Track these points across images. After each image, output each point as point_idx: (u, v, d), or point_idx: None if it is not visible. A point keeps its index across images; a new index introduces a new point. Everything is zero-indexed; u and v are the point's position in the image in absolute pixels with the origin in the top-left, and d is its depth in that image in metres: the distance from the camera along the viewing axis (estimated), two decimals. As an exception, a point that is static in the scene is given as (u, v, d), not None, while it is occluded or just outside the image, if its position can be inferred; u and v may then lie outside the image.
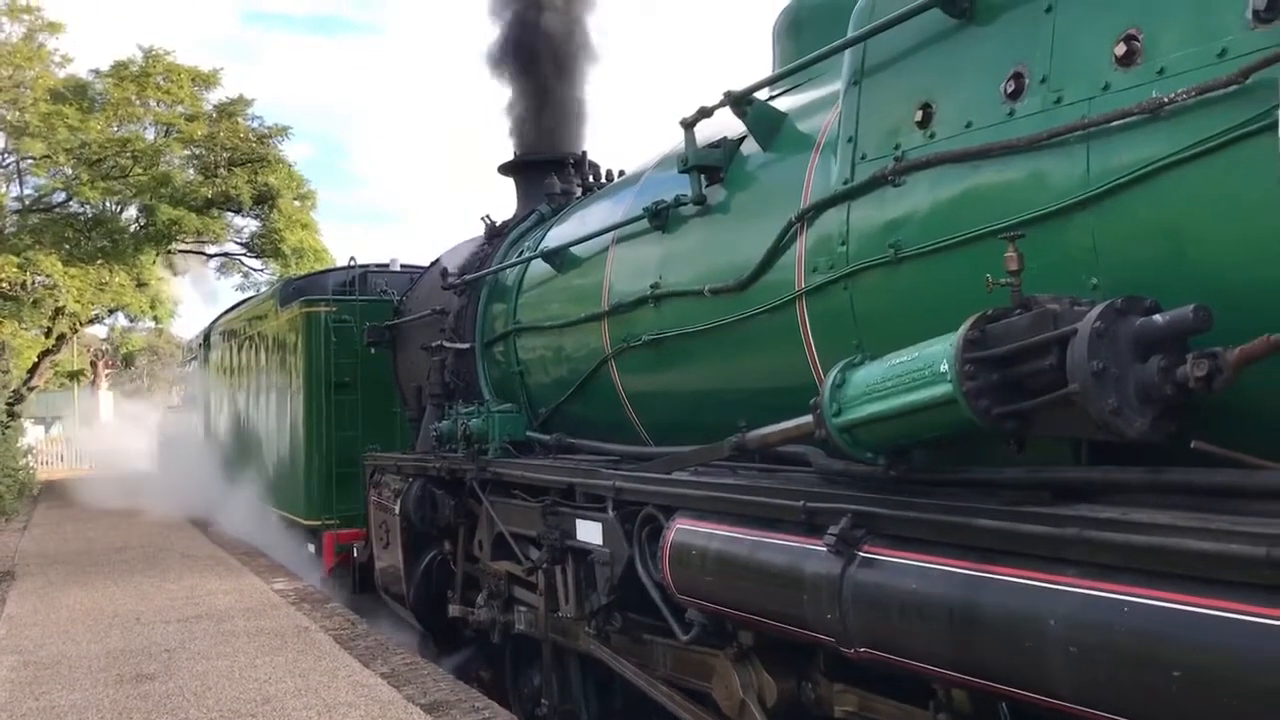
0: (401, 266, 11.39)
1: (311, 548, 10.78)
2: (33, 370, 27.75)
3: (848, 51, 3.90)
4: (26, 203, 24.82)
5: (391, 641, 7.31)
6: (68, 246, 23.06)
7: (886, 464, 3.32)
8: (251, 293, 25.11)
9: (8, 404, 21.22)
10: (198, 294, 34.03)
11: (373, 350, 9.53)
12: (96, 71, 24.69)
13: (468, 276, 7.36)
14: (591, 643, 5.19)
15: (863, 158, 3.73)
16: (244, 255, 27.97)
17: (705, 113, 4.62)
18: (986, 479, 3.06)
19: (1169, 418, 2.52)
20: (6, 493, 17.07)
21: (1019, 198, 3.08)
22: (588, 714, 5.95)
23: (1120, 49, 2.82)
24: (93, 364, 46.54)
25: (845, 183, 3.78)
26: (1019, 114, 3.12)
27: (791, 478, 3.96)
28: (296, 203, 26.03)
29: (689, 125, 4.67)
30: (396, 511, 7.38)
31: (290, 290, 11.74)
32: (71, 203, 24.50)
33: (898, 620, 3.04)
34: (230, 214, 26.09)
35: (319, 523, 10.38)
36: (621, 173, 7.40)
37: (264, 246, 26.19)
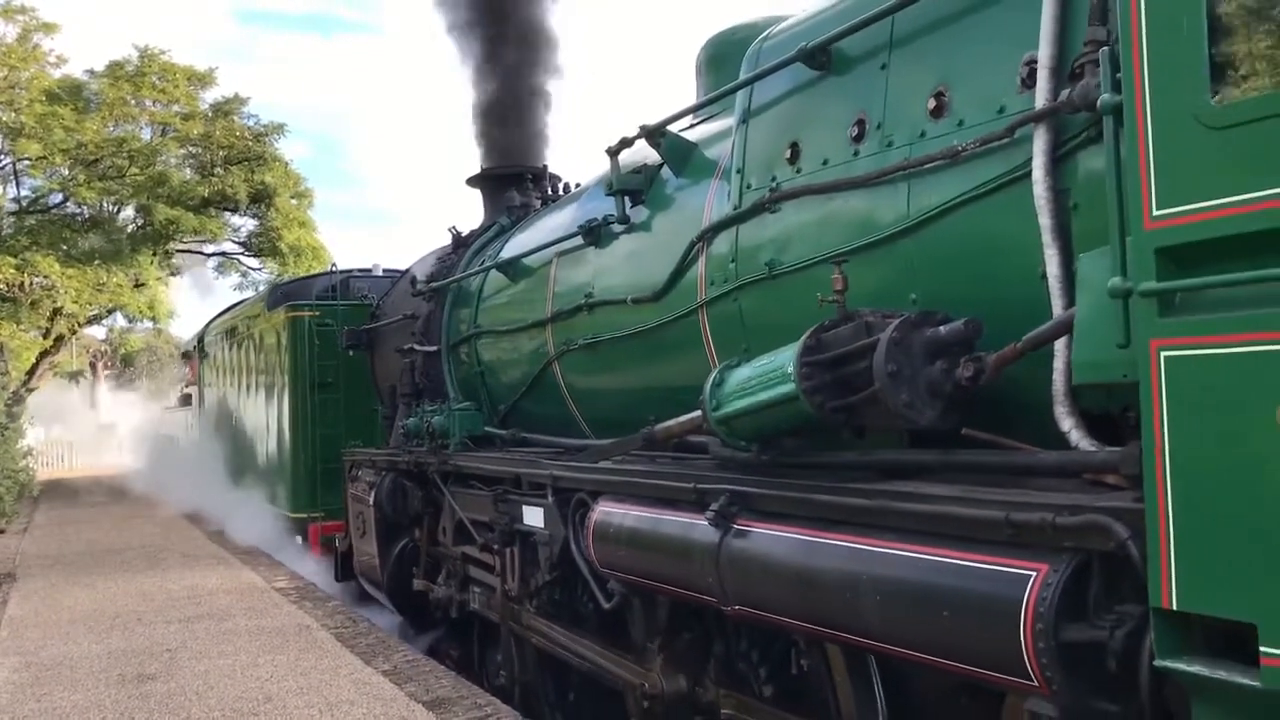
0: (384, 271, 11.98)
1: (299, 540, 11.38)
2: (31, 371, 28.01)
3: (739, 93, 4.49)
4: (23, 204, 24.74)
5: (393, 639, 7.42)
6: (65, 247, 23.12)
7: (758, 450, 3.92)
8: (250, 292, 25.36)
9: (7, 404, 21.54)
10: (196, 293, 34.21)
11: (350, 353, 10.12)
12: (92, 72, 24.77)
13: (434, 284, 7.94)
14: (533, 617, 5.79)
15: (748, 187, 4.32)
16: (242, 254, 28.10)
17: (627, 142, 5.21)
18: (832, 462, 3.65)
19: (954, 410, 3.11)
20: (6, 494, 17.07)
21: (860, 225, 3.67)
22: (543, 686, 6.54)
23: (932, 103, 3.42)
24: (92, 365, 47.06)
25: (734, 208, 4.37)
26: (861, 154, 3.72)
27: (693, 464, 4.55)
28: (293, 201, 26.01)
29: (613, 153, 5.26)
30: (371, 503, 7.97)
31: (277, 295, 12.33)
32: (68, 203, 24.44)
33: (760, 581, 3.64)
34: (227, 213, 26.12)
35: (305, 516, 10.97)
36: (579, 184, 7.97)
37: (262, 245, 26.30)
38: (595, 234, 5.57)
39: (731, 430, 3.88)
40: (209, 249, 28.05)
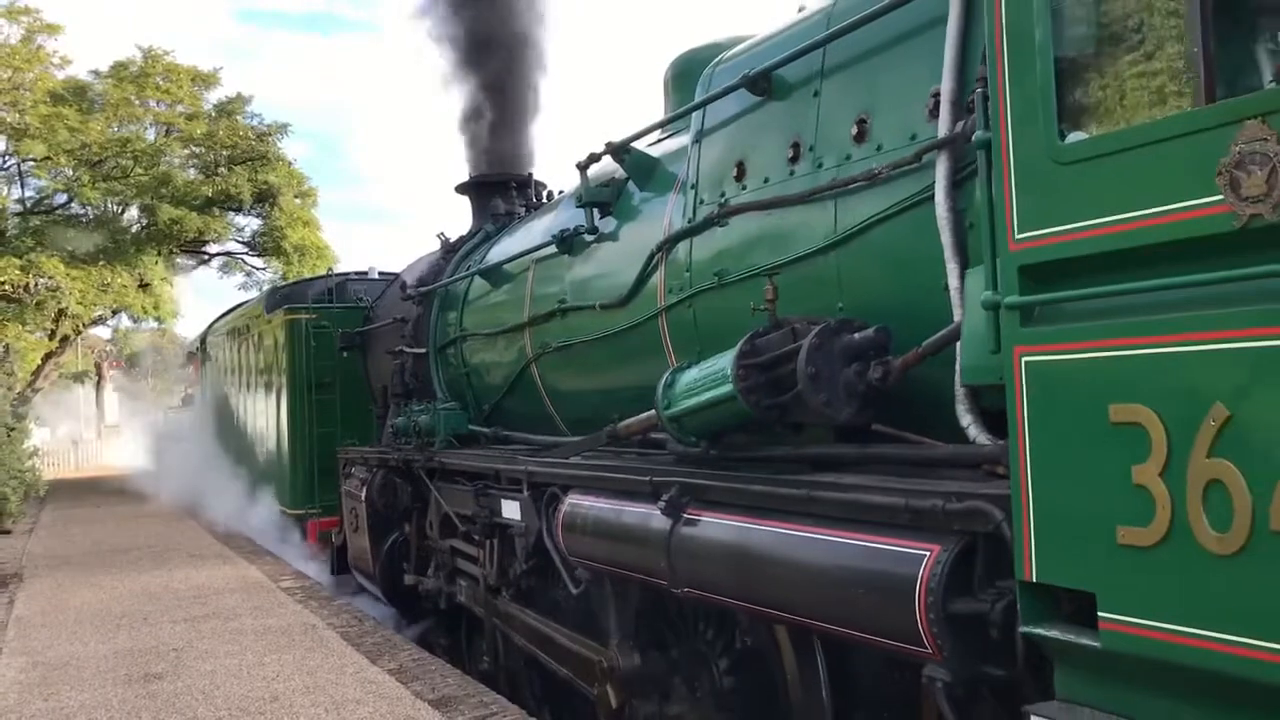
0: (379, 274, 12.33)
1: (298, 535, 11.73)
2: (37, 372, 27.97)
3: (694, 113, 4.83)
4: (28, 205, 24.87)
5: (398, 637, 7.50)
6: (70, 248, 23.15)
7: (707, 445, 4.26)
8: (255, 291, 25.44)
9: (12, 405, 21.35)
10: (196, 293, 34.28)
11: (345, 354, 10.47)
12: (96, 72, 24.94)
13: (423, 289, 8.29)
14: (508, 603, 6.13)
15: (701, 202, 4.66)
16: (246, 254, 28.21)
17: (594, 158, 5.54)
18: (770, 455, 3.99)
19: (868, 408, 3.45)
20: (13, 495, 16.98)
21: (795, 239, 4.00)
22: (525, 671, 6.88)
23: (855, 129, 3.75)
24: (97, 365, 47.42)
25: (689, 221, 4.70)
26: (796, 174, 4.05)
27: (654, 458, 4.88)
28: (297, 200, 26.03)
29: (582, 168, 5.60)
30: (363, 498, 8.32)
31: (276, 298, 12.69)
32: (73, 204, 24.61)
33: (704, 564, 3.98)
34: (231, 213, 26.08)
35: (303, 512, 11.33)
36: (560, 192, 8.31)
37: (266, 245, 26.39)
38: (568, 243, 5.91)
39: (681, 427, 4.23)
40: (213, 248, 28.17)
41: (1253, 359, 2.08)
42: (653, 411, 4.42)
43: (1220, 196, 2.12)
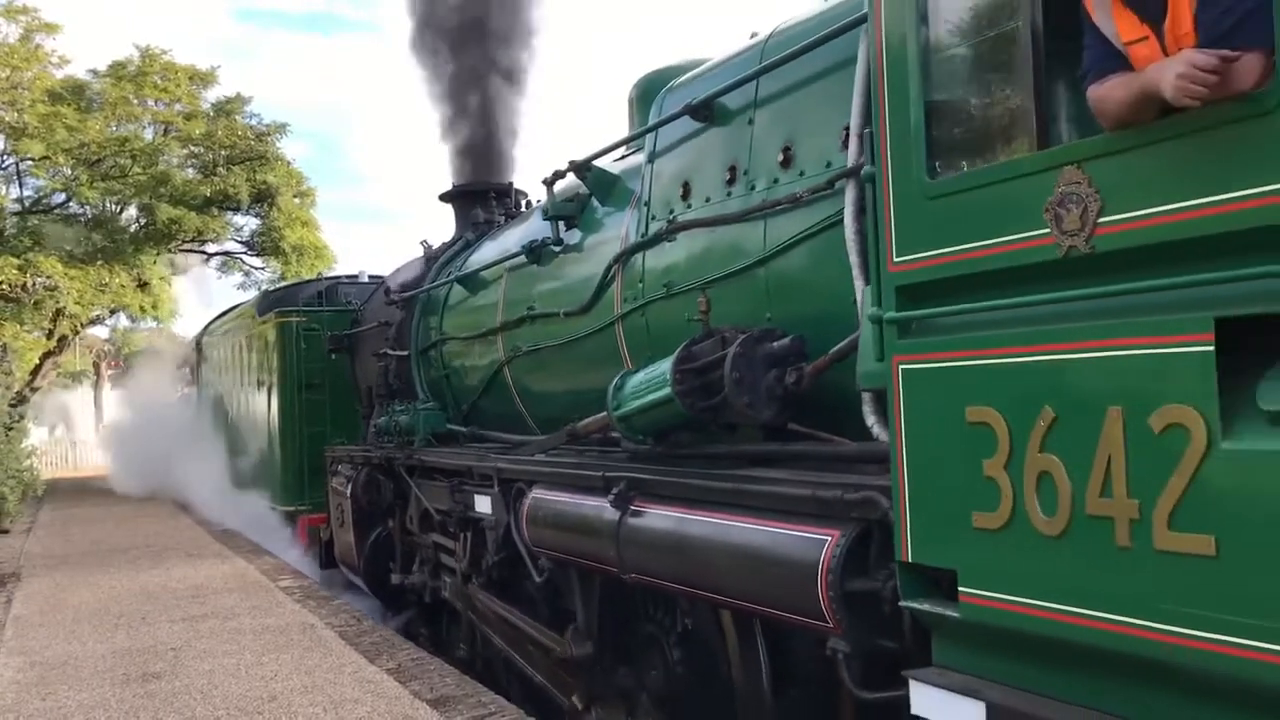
0: (369, 278, 12.69)
1: (289, 531, 12.11)
2: (35, 372, 27.87)
3: (649, 135, 5.20)
4: (26, 204, 24.64)
5: (397, 637, 7.54)
6: (68, 247, 22.93)
7: (654, 443, 4.63)
8: (254, 291, 25.39)
9: (11, 405, 21.27)
10: (197, 293, 34.12)
11: (333, 356, 10.85)
12: (94, 71, 24.68)
13: (406, 294, 8.66)
14: (480, 592, 6.50)
15: (652, 218, 5.03)
16: (244, 253, 28.00)
17: (559, 174, 5.92)
18: (709, 452, 4.36)
19: (787, 409, 3.83)
20: (10, 494, 17.00)
21: (732, 255, 4.38)
22: (506, 675, 7.24)
23: (781, 155, 4.13)
24: (95, 365, 47.67)
25: (641, 236, 5.08)
26: (733, 196, 4.43)
27: (611, 455, 5.26)
28: (296, 200, 25.84)
29: (549, 184, 5.98)
30: (348, 495, 8.69)
31: (268, 301, 13.06)
32: (71, 203, 24.36)
33: (648, 552, 4.35)
34: (230, 212, 25.83)
35: (294, 509, 11.70)
36: (538, 201, 8.68)
37: (264, 244, 26.22)
38: (536, 253, 6.28)
39: (630, 426, 4.61)
40: (211, 248, 27.92)
41: (1071, 369, 2.45)
42: (604, 413, 4.80)
43: (1048, 230, 2.50)
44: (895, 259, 2.97)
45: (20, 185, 24.82)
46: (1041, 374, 2.52)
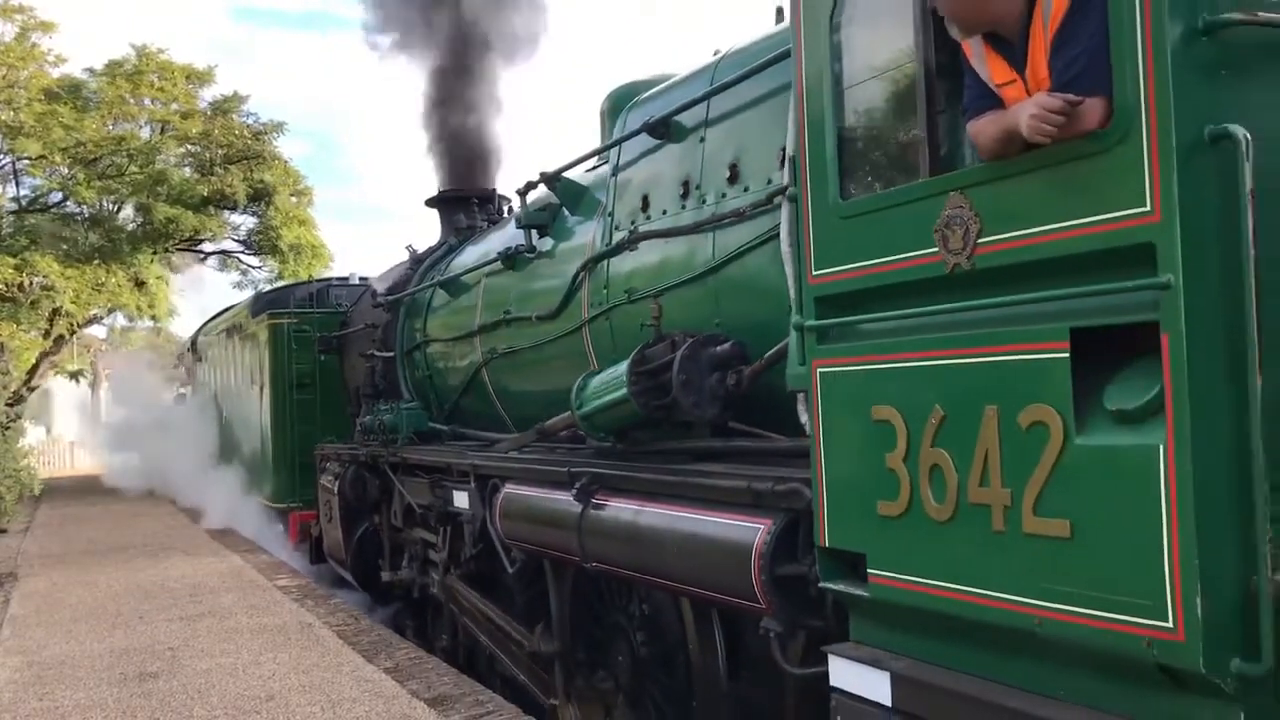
0: (360, 279, 12.98)
1: (281, 527, 12.41)
2: (32, 371, 27.74)
3: (614, 149, 5.50)
4: (23, 203, 24.52)
5: (395, 636, 7.58)
6: (65, 247, 22.94)
7: (614, 440, 4.93)
8: (250, 290, 25.33)
9: (8, 404, 21.44)
10: (194, 293, 33.83)
11: (323, 357, 11.16)
12: (91, 70, 24.49)
13: (391, 297, 8.95)
14: (458, 583, 6.81)
15: (616, 228, 5.33)
16: (242, 252, 27.69)
17: (531, 185, 6.22)
18: (664, 448, 4.66)
19: (729, 409, 4.13)
20: (7, 494, 17.00)
21: (685, 264, 4.68)
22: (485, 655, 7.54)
23: (728, 172, 4.43)
24: (93, 364, 47.84)
25: (606, 245, 5.38)
26: (686, 209, 4.73)
27: (578, 452, 5.56)
28: (293, 199, 25.79)
29: (521, 194, 6.28)
30: (336, 492, 8.99)
31: (261, 303, 13.35)
32: (68, 203, 24.21)
33: (607, 541, 4.65)
34: (227, 211, 25.69)
35: (285, 506, 12.01)
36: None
37: (261, 243, 26.12)
38: (512, 260, 6.58)
39: (592, 425, 4.91)
40: (208, 247, 27.82)
41: (956, 373, 2.76)
42: (568, 412, 5.10)
43: (937, 248, 2.80)
44: (814, 272, 3.27)
45: (17, 184, 24.82)
46: (932, 377, 2.83)
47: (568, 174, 6.14)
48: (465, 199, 9.28)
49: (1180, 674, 2.27)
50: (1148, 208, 2.27)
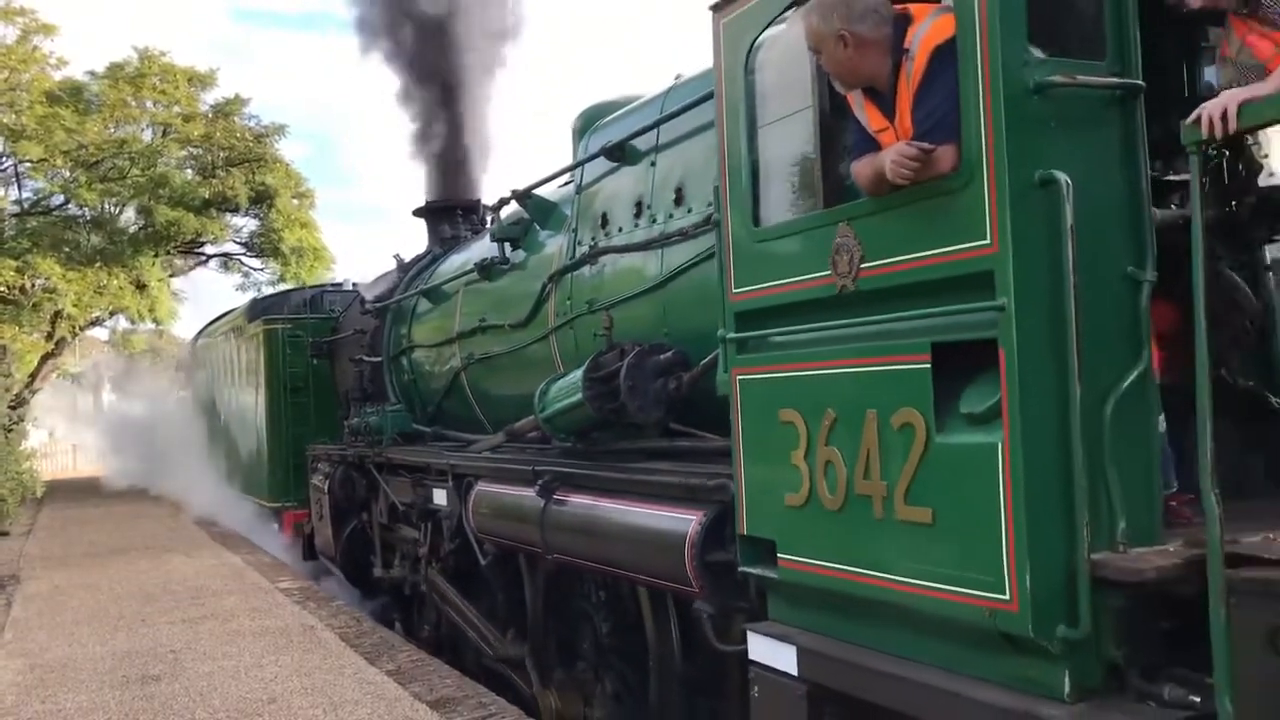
0: (354, 285, 13.38)
1: (275, 526, 12.81)
2: (34, 374, 27.78)
3: (578, 169, 5.89)
4: (25, 206, 24.57)
5: (397, 639, 7.64)
6: (67, 249, 23.03)
7: (575, 441, 5.33)
8: (253, 292, 25.48)
9: (10, 407, 21.31)
10: (189, 296, 33.78)
11: (315, 361, 11.57)
12: (93, 73, 24.53)
13: (379, 304, 9.35)
14: (437, 577, 7.20)
15: (579, 244, 5.72)
16: (243, 255, 27.65)
17: (504, 201, 6.62)
18: (618, 448, 5.05)
19: (672, 412, 4.53)
20: (10, 496, 17.15)
21: (638, 278, 5.07)
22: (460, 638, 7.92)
23: (675, 194, 4.82)
24: (95, 366, 48.16)
25: (570, 259, 5.77)
26: (639, 227, 5.12)
27: (545, 451, 5.95)
28: (295, 202, 25.76)
29: (494, 209, 6.67)
30: (326, 491, 9.38)
31: (256, 309, 13.76)
32: (70, 205, 24.24)
33: (566, 534, 5.04)
34: (229, 214, 25.72)
35: (279, 505, 12.42)
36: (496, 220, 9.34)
37: (263, 246, 26.12)
38: (487, 270, 6.97)
39: (553, 426, 5.30)
40: (210, 249, 27.71)
41: (845, 380, 3.15)
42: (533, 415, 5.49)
43: (829, 272, 3.19)
44: (734, 290, 3.67)
45: (19, 187, 24.85)
46: (826, 384, 3.22)
47: (540, 191, 6.54)
48: (450, 209, 9.67)
49: (1016, 639, 2.66)
50: (988, 240, 2.66)
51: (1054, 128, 2.66)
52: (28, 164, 23.72)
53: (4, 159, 24.22)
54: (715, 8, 3.74)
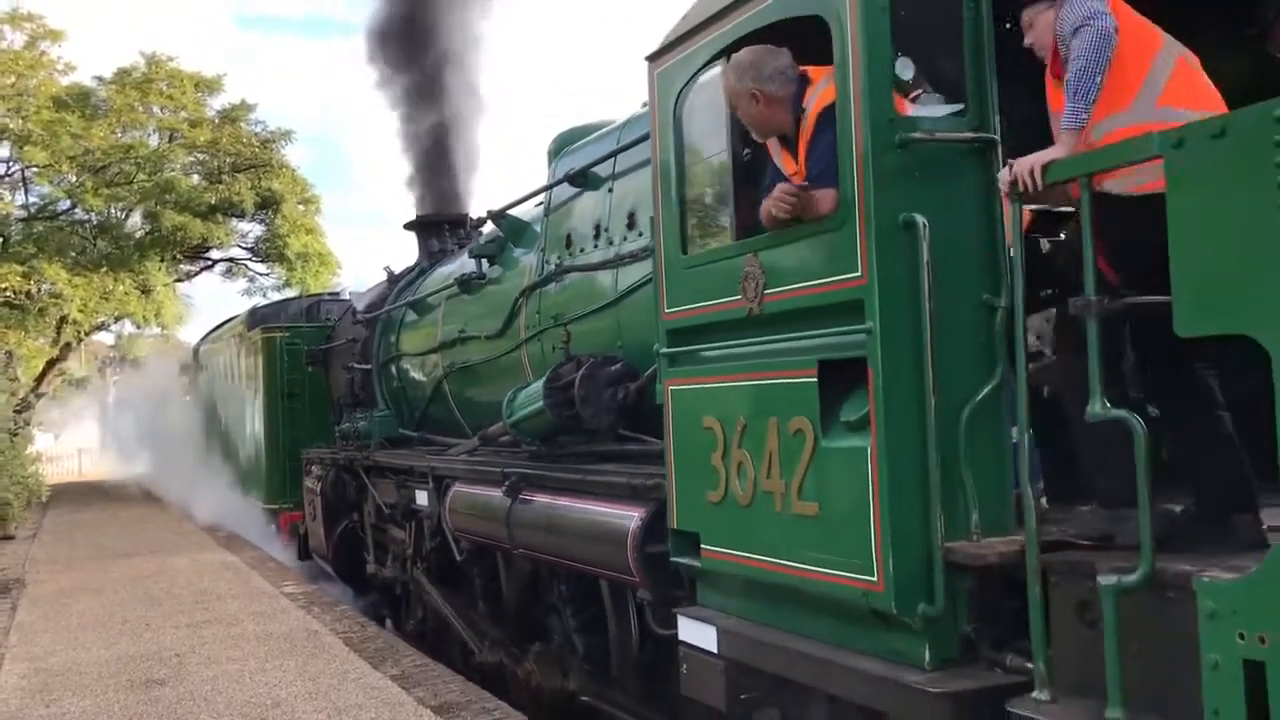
0: (350, 294, 13.85)
1: (273, 527, 13.27)
2: (40, 378, 28.16)
3: (547, 191, 6.35)
4: (31, 211, 24.79)
5: (401, 643, 7.61)
6: (73, 254, 23.33)
7: (540, 444, 5.77)
8: (259, 297, 25.91)
9: (15, 411, 21.38)
10: (198, 301, 33.83)
11: (310, 369, 12.03)
12: (100, 78, 24.77)
13: (369, 315, 9.81)
14: (421, 576, 7.65)
15: (547, 262, 6.17)
16: (249, 260, 27.87)
17: (480, 221, 7.06)
18: (578, 451, 5.50)
19: (622, 419, 4.97)
20: (15, 500, 16.91)
21: (597, 296, 5.52)
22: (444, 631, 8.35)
23: (628, 219, 5.27)
24: (100, 372, 48.68)
25: (539, 277, 6.22)
26: (598, 248, 5.57)
27: (516, 454, 6.39)
28: (300, 207, 25.99)
29: (474, 227, 7.12)
30: (318, 492, 9.83)
31: (256, 317, 14.23)
32: (76, 210, 24.44)
33: (528, 530, 5.49)
34: (235, 219, 25.90)
35: (276, 506, 12.87)
36: (481, 232, 9.78)
37: (269, 251, 26.39)
38: (466, 284, 7.43)
39: (520, 431, 5.76)
40: (215, 254, 27.70)
41: (752, 391, 3.59)
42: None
43: (740, 296, 3.63)
44: (667, 310, 4.12)
45: (25, 192, 25.03)
46: (738, 395, 3.67)
47: (516, 211, 6.99)
48: (439, 223, 10.12)
49: (884, 615, 3.10)
50: (859, 273, 3.11)
51: (917, 177, 3.10)
52: (34, 169, 23.88)
53: (10, 164, 24.25)
54: (650, 58, 4.19)
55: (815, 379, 3.29)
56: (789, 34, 3.52)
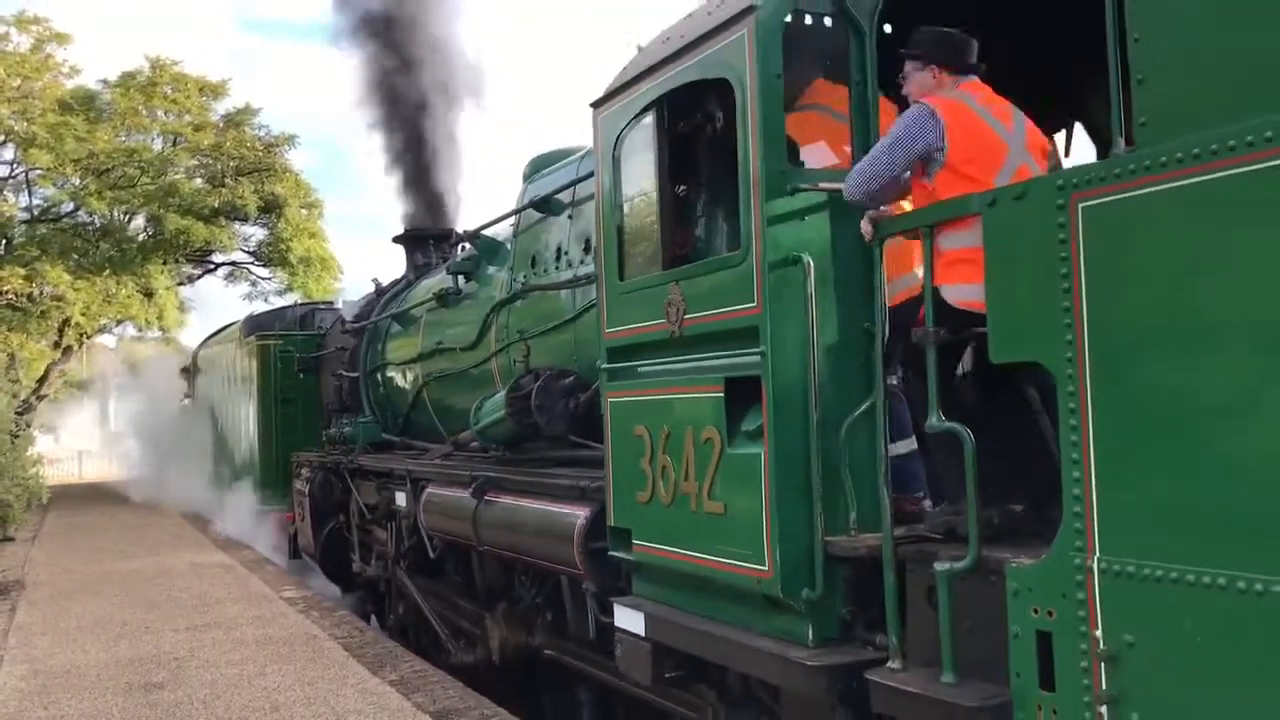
0: (344, 303, 14.33)
1: (266, 527, 13.74)
2: (42, 380, 28.34)
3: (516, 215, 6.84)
4: (35, 213, 24.96)
5: (400, 648, 7.63)
6: (76, 257, 23.52)
7: (504, 449, 6.26)
8: (260, 301, 26.21)
9: (17, 413, 21.43)
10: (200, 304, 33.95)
11: (302, 375, 12.52)
12: (105, 82, 24.89)
13: (357, 325, 10.30)
14: (401, 574, 8.13)
15: (515, 281, 6.66)
16: (252, 264, 28.02)
17: (459, 239, 7.55)
18: (538, 456, 5.98)
19: (575, 427, 5.46)
20: (16, 502, 16.82)
21: (556, 313, 6.01)
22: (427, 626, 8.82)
23: (584, 244, 5.76)
24: (102, 374, 49.06)
25: (508, 294, 6.71)
26: (560, 270, 6.06)
27: (485, 458, 6.87)
28: (303, 211, 26.15)
29: (452, 245, 7.61)
30: (307, 494, 10.31)
31: (252, 324, 14.72)
32: (79, 213, 24.62)
33: (493, 529, 5.97)
34: (238, 223, 26.06)
35: (270, 507, 13.35)
36: (465, 247, 10.27)
37: (271, 255, 26.56)
38: (444, 299, 7.92)
39: (486, 437, 6.25)
40: (218, 258, 27.87)
41: (674, 404, 4.08)
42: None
43: (664, 320, 4.12)
44: (607, 329, 4.61)
45: (29, 195, 25.20)
46: (662, 407, 4.16)
47: (490, 231, 7.48)
48: (424, 238, 10.61)
49: (774, 600, 3.58)
50: (755, 303, 3.59)
51: (804, 220, 3.59)
52: (38, 172, 24.04)
53: (14, 166, 24.47)
54: (594, 104, 4.68)
55: (723, 394, 3.77)
56: (708, 92, 4.02)
